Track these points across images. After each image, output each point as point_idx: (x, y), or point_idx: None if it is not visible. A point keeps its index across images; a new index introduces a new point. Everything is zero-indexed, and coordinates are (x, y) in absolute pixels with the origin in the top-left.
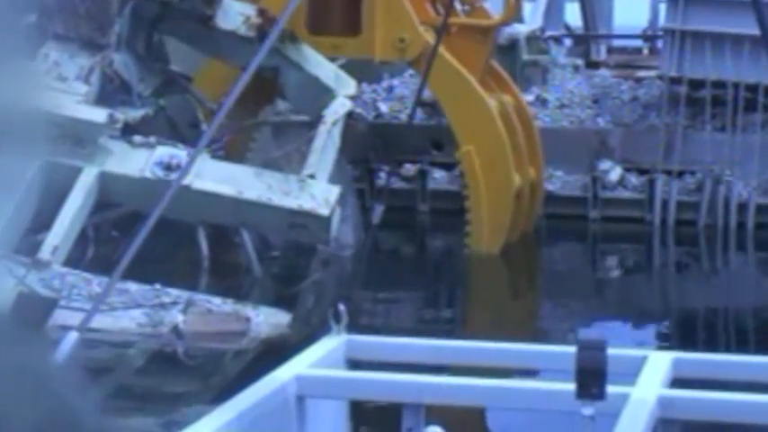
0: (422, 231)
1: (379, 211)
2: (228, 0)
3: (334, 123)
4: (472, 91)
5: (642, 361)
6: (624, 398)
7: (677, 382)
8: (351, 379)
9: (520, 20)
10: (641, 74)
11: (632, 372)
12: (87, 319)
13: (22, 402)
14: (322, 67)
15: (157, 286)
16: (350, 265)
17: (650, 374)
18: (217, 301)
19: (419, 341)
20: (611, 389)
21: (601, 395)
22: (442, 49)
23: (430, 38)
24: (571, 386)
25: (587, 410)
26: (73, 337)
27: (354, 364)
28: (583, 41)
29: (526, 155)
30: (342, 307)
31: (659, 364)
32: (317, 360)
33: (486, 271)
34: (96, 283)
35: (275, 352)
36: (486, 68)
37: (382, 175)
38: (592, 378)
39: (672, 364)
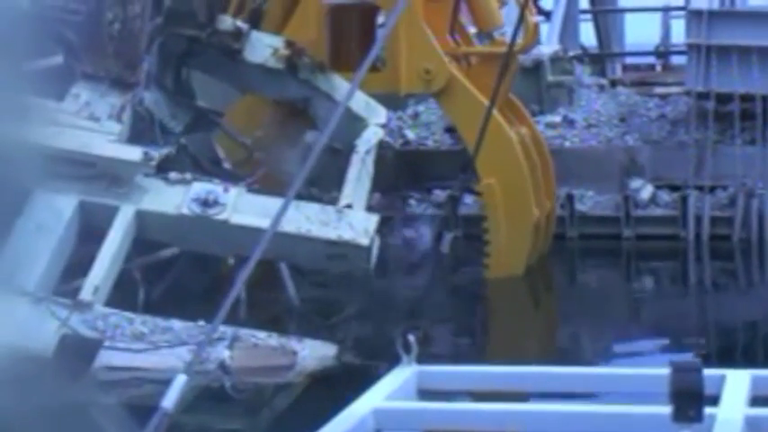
0: (454, 256)
1: (448, 239)
2: (256, 33)
3: (368, 152)
4: (495, 124)
5: (721, 380)
6: (711, 419)
7: (758, 400)
8: (428, 410)
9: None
10: (660, 90)
11: (712, 391)
12: (194, 362)
13: None
14: (352, 96)
15: (201, 323)
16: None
17: (732, 394)
18: (262, 335)
19: (492, 368)
20: None
21: (699, 418)
22: (464, 82)
23: (452, 68)
24: (666, 409)
25: None
26: (182, 380)
27: (427, 395)
28: (598, 61)
29: (543, 187)
30: (411, 337)
31: (739, 382)
32: (391, 393)
33: (517, 295)
34: (140, 323)
35: (322, 385)
36: (505, 102)
37: (412, 202)
38: (689, 401)
39: (752, 382)
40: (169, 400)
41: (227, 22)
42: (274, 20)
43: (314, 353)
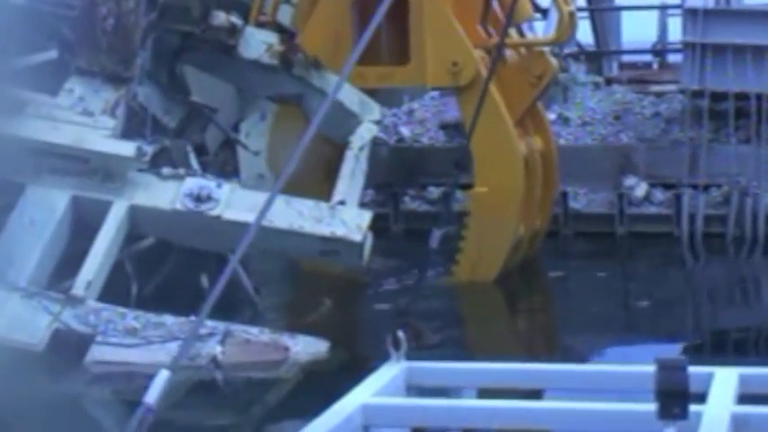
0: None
1: (437, 236)
2: (251, 29)
3: (361, 149)
4: (506, 136)
5: (709, 378)
6: (698, 416)
7: (745, 398)
8: (416, 407)
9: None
10: (656, 88)
11: (700, 389)
12: (179, 357)
13: None
14: (346, 92)
15: (193, 318)
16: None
17: (720, 391)
18: (254, 330)
19: (480, 365)
20: None
21: (684, 415)
22: (492, 86)
23: (484, 62)
24: (651, 407)
25: (670, 431)
26: (164, 376)
27: (415, 391)
28: (595, 58)
29: (537, 205)
30: (401, 334)
31: (727, 380)
32: (380, 389)
33: (505, 292)
34: (132, 318)
35: (315, 380)
36: (529, 110)
37: (406, 199)
38: (673, 398)
39: (739, 380)
40: (152, 395)
41: (221, 17)
42: (302, 11)
43: (306, 349)
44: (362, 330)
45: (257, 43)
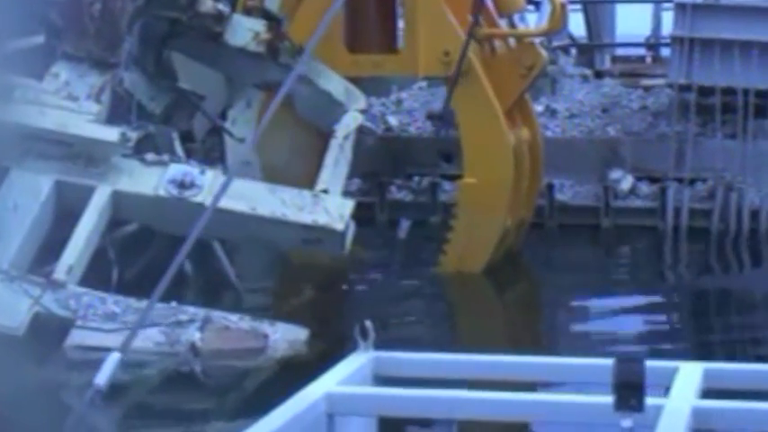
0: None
1: (405, 226)
2: (238, 16)
3: (346, 138)
4: (497, 127)
5: (674, 372)
6: (658, 409)
7: (709, 393)
8: (381, 396)
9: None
10: (646, 82)
11: (664, 383)
12: (129, 340)
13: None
14: (332, 81)
15: (174, 304)
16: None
17: (683, 385)
18: (234, 318)
19: (447, 356)
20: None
21: (640, 407)
22: (481, 75)
23: (475, 51)
24: (608, 399)
25: (626, 423)
26: (115, 358)
27: (383, 381)
28: (587, 51)
29: (524, 196)
30: (369, 323)
31: (691, 374)
32: (346, 377)
33: (485, 283)
34: (112, 302)
35: (293, 368)
36: (517, 101)
37: (393, 188)
38: (630, 390)
39: (703, 375)
40: (102, 377)
41: (207, 4)
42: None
43: (285, 336)
44: (344, 320)
45: (244, 31)
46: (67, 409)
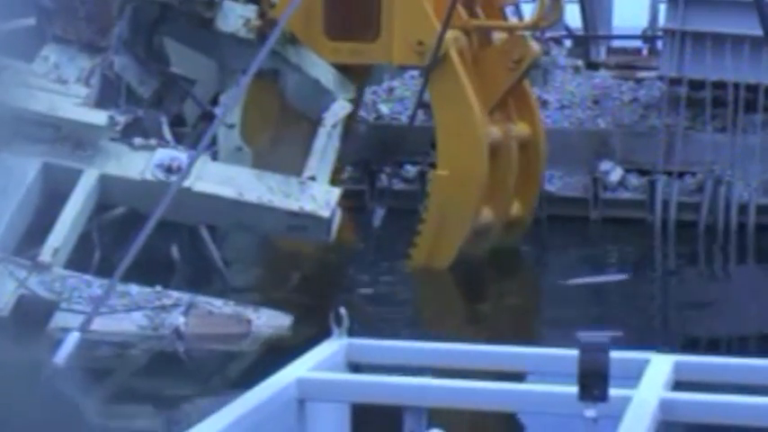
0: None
1: (380, 215)
2: (228, 2)
3: (334, 126)
4: (469, 121)
5: (644, 364)
6: (626, 400)
7: (680, 385)
8: (352, 382)
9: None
10: (641, 74)
11: (634, 374)
12: (88, 321)
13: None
14: (321, 69)
15: (158, 288)
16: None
17: (652, 377)
18: (218, 303)
19: (420, 344)
20: (613, 391)
21: (603, 397)
22: (459, 68)
23: (458, 42)
24: (573, 389)
25: (590, 413)
26: (74, 337)
27: (356, 368)
28: (582, 42)
29: (511, 191)
30: (342, 310)
31: (661, 366)
32: (318, 363)
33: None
34: (97, 286)
35: (276, 354)
36: (509, 94)
37: (383, 177)
38: (594, 380)
39: (674, 367)
40: (60, 355)
41: None
42: None
43: (269, 322)
44: (327, 307)
45: (235, 17)
46: (48, 392)
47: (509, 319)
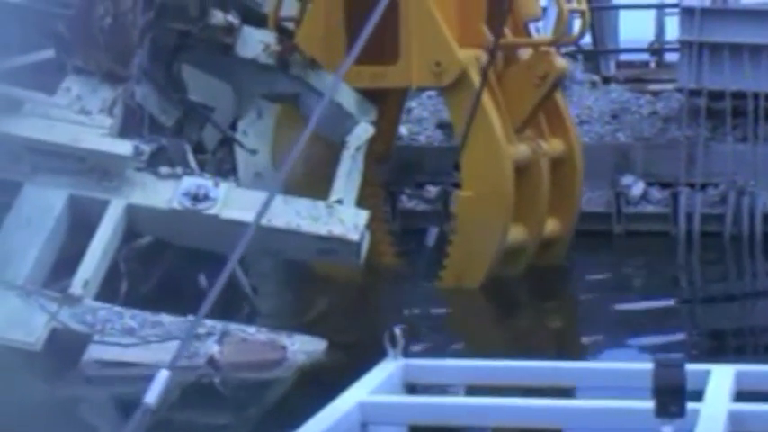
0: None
1: (433, 234)
2: (248, 28)
3: (358, 149)
4: (492, 140)
5: (706, 375)
6: (695, 414)
7: (742, 396)
8: (413, 404)
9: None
10: (653, 87)
11: (696, 387)
12: (177, 356)
13: None
14: (343, 93)
15: (191, 317)
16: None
17: (716, 389)
18: (251, 330)
19: (477, 362)
20: None
21: (681, 413)
22: (475, 78)
23: (479, 62)
24: (649, 404)
25: (667, 429)
26: (164, 375)
27: (411, 388)
28: (592, 57)
29: (544, 208)
30: (398, 330)
31: (723, 378)
32: (377, 386)
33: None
34: (129, 317)
35: (312, 380)
36: (539, 110)
37: (403, 197)
38: (671, 396)
39: (735, 377)
40: (152, 395)
41: (218, 16)
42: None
43: (303, 347)
44: (360, 329)
45: (254, 43)
46: (85, 426)
47: (548, 338)
